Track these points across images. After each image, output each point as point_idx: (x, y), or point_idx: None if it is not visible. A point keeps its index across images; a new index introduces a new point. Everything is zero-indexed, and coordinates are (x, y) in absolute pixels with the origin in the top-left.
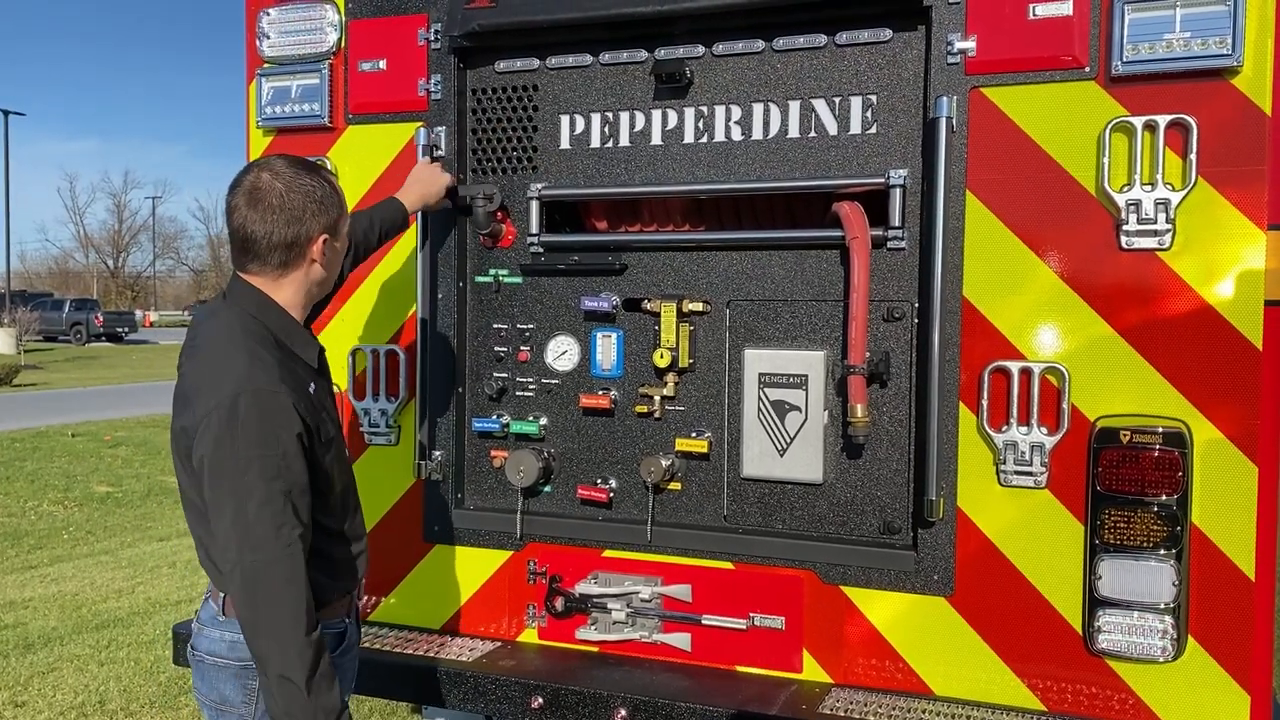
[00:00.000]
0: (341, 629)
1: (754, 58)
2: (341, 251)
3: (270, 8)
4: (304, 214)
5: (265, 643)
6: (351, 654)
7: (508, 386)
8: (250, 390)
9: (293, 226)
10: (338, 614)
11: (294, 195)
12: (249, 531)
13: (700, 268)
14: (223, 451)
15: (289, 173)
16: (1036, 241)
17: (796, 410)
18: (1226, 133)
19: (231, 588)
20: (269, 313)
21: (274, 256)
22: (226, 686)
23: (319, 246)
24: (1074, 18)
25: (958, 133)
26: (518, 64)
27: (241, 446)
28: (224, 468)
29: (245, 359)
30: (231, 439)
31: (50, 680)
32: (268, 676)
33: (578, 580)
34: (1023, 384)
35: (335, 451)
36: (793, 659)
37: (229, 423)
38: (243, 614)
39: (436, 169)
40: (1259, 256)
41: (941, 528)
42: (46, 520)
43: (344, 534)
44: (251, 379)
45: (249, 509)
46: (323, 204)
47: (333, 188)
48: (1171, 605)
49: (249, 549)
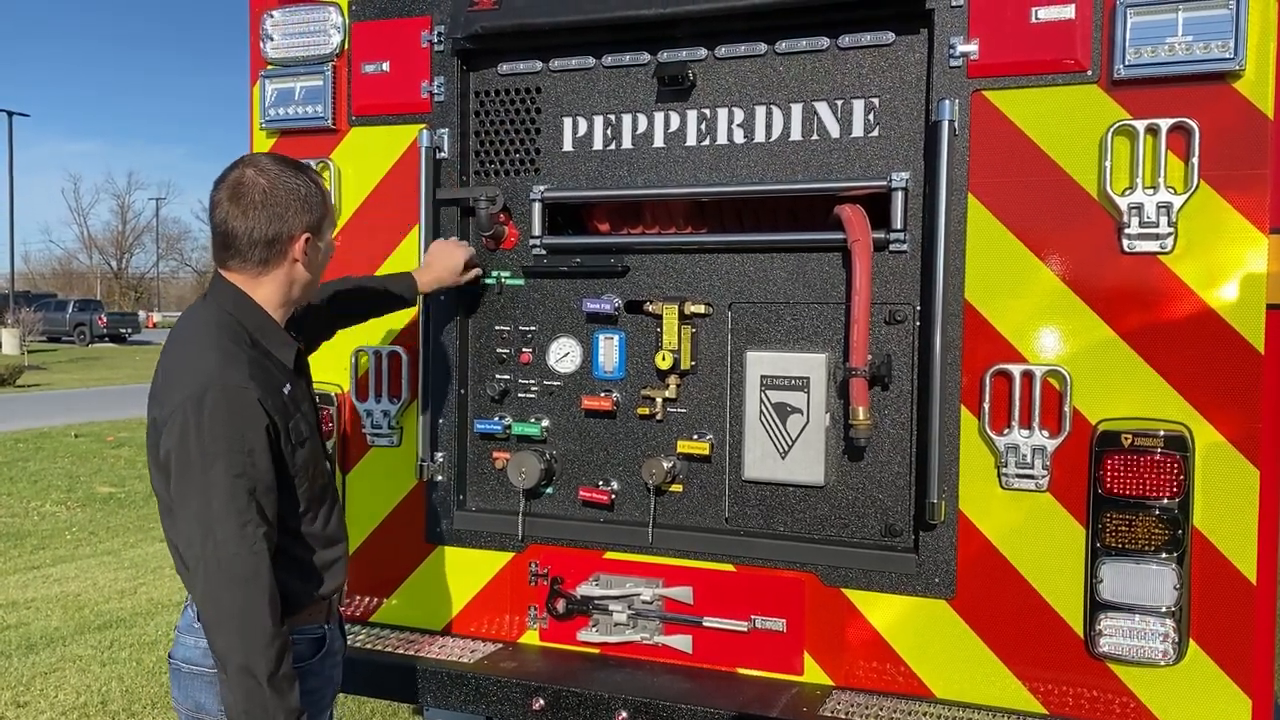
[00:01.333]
0: (319, 634)
1: (756, 60)
2: (326, 254)
3: (274, 10)
4: (286, 211)
5: (227, 638)
6: (333, 660)
7: (510, 388)
8: (219, 386)
9: (274, 224)
10: (315, 619)
11: (277, 192)
12: (212, 527)
13: (702, 270)
14: (188, 446)
15: (274, 170)
16: (1038, 244)
17: (798, 412)
18: (1228, 136)
19: (196, 585)
20: (246, 310)
21: (254, 253)
22: (202, 695)
23: (301, 245)
24: (1076, 21)
25: (960, 136)
26: (521, 66)
27: (208, 442)
28: (190, 462)
29: (216, 355)
30: (198, 434)
31: (52, 680)
32: (227, 673)
33: (579, 582)
34: (1024, 387)
35: (309, 453)
36: (794, 661)
37: (196, 417)
38: (205, 611)
39: (453, 246)
40: (1260, 260)
41: (943, 530)
42: (49, 521)
43: (317, 536)
44: (221, 375)
45: (213, 504)
46: (306, 202)
47: (318, 187)
48: (1173, 609)
49: (212, 544)
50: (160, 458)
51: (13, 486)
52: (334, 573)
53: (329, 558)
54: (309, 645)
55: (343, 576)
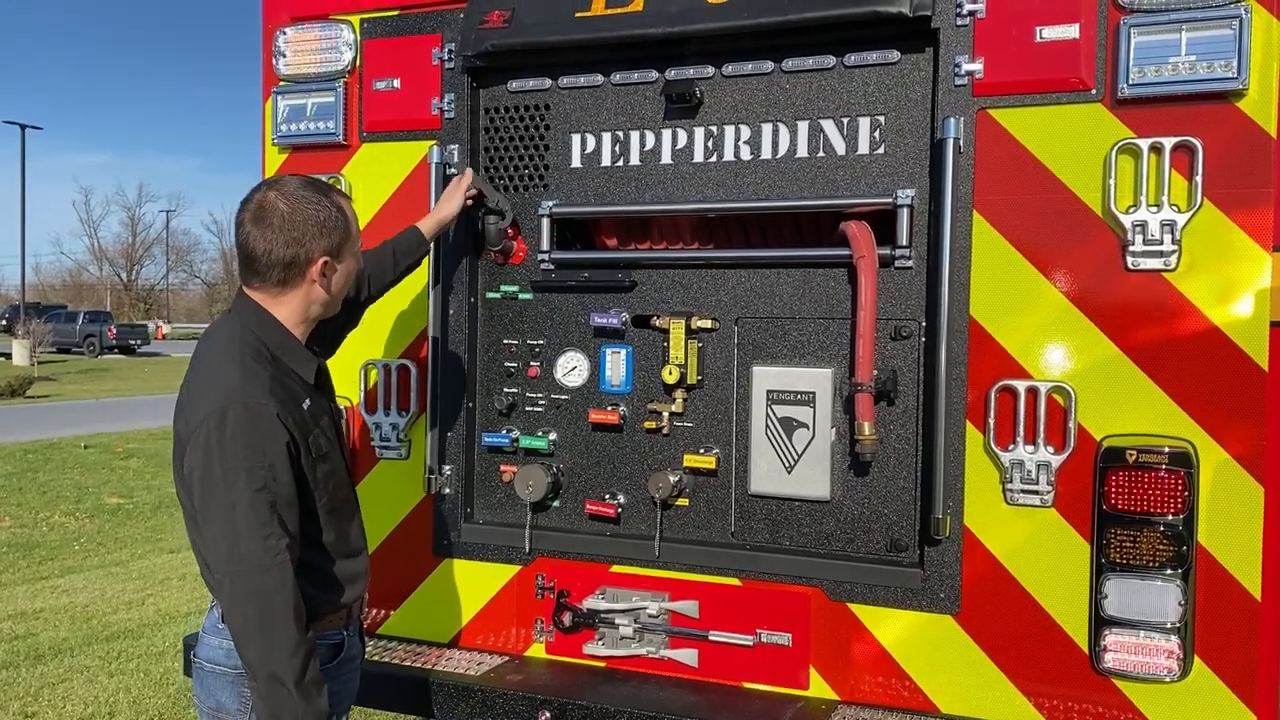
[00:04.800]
0: (338, 640)
1: (763, 78)
2: (347, 274)
3: (287, 27)
4: (304, 235)
5: (255, 647)
6: (350, 666)
7: (517, 402)
8: (240, 402)
9: (292, 247)
10: (334, 625)
11: (296, 216)
12: (237, 541)
13: (709, 285)
14: (212, 462)
15: (296, 194)
16: (1043, 261)
17: (804, 427)
18: (1232, 155)
19: (222, 596)
20: (267, 328)
21: (273, 274)
22: (223, 694)
23: (318, 268)
24: (1081, 40)
25: (965, 153)
26: (530, 83)
27: (230, 458)
28: (213, 478)
29: (238, 372)
30: (221, 450)
31: (60, 691)
32: (257, 680)
33: (585, 595)
34: (1029, 403)
35: (330, 466)
36: (799, 676)
37: (219, 434)
38: (233, 621)
39: (450, 189)
40: (1265, 277)
41: (948, 546)
42: (58, 531)
43: (337, 547)
44: (242, 391)
45: (237, 519)
46: (324, 226)
47: (339, 210)
48: (1177, 625)
49: (237, 558)
50: (185, 472)
51: (22, 497)
52: (355, 582)
53: (350, 568)
54: (327, 651)
55: (364, 586)
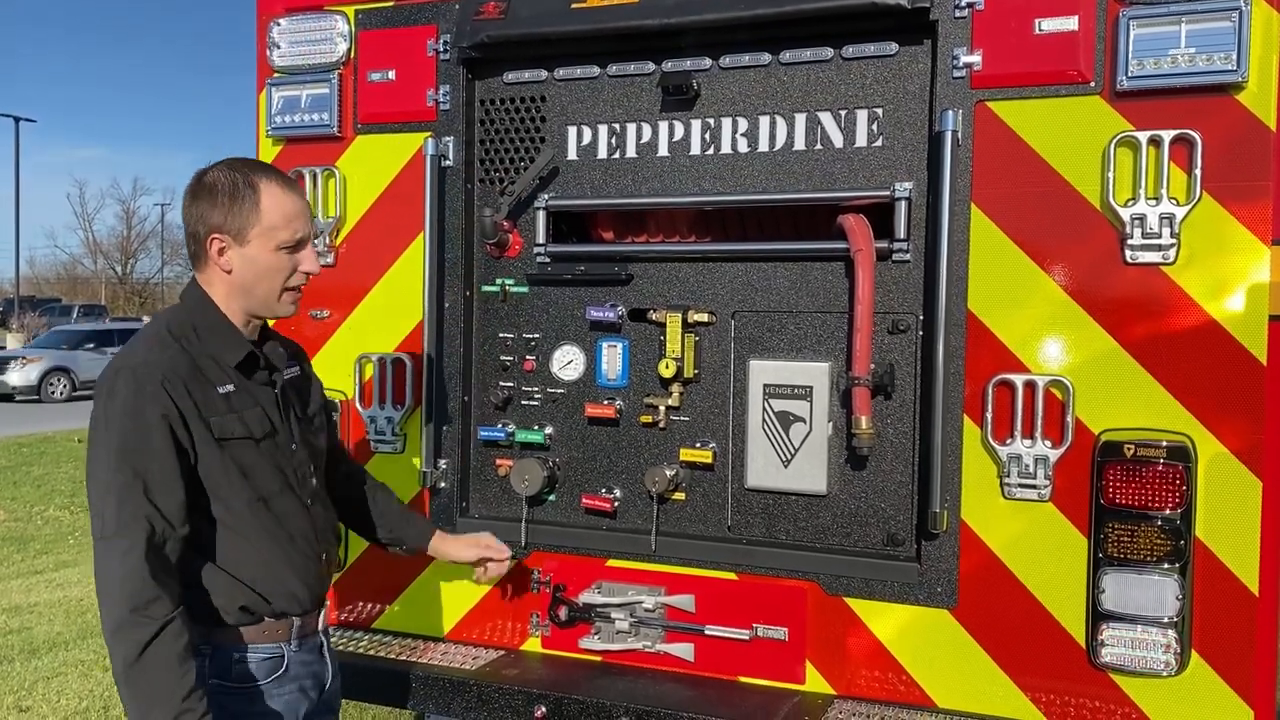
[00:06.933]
0: (276, 655)
1: (760, 70)
2: (265, 267)
3: (281, 18)
4: (205, 212)
5: (102, 606)
6: (291, 687)
7: (513, 395)
8: (129, 367)
9: (191, 222)
10: (274, 638)
11: (202, 190)
12: (100, 503)
13: (706, 279)
14: (96, 424)
15: (221, 171)
16: (1041, 255)
17: (801, 421)
18: (1231, 148)
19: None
20: (200, 307)
21: (188, 248)
22: None
23: (215, 247)
24: (1079, 33)
25: (963, 146)
26: (526, 75)
27: (110, 420)
28: (94, 439)
29: (144, 345)
30: (104, 412)
31: (55, 685)
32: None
33: (581, 589)
34: (1027, 397)
35: (252, 457)
36: (796, 670)
37: (107, 398)
38: (95, 577)
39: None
40: (1263, 271)
41: (945, 540)
42: (52, 525)
43: (261, 548)
44: (138, 360)
45: (102, 480)
46: (214, 202)
47: (252, 190)
48: (1175, 619)
49: (98, 519)
50: None
51: (16, 491)
52: (292, 591)
53: (282, 573)
54: (259, 666)
55: (311, 598)
